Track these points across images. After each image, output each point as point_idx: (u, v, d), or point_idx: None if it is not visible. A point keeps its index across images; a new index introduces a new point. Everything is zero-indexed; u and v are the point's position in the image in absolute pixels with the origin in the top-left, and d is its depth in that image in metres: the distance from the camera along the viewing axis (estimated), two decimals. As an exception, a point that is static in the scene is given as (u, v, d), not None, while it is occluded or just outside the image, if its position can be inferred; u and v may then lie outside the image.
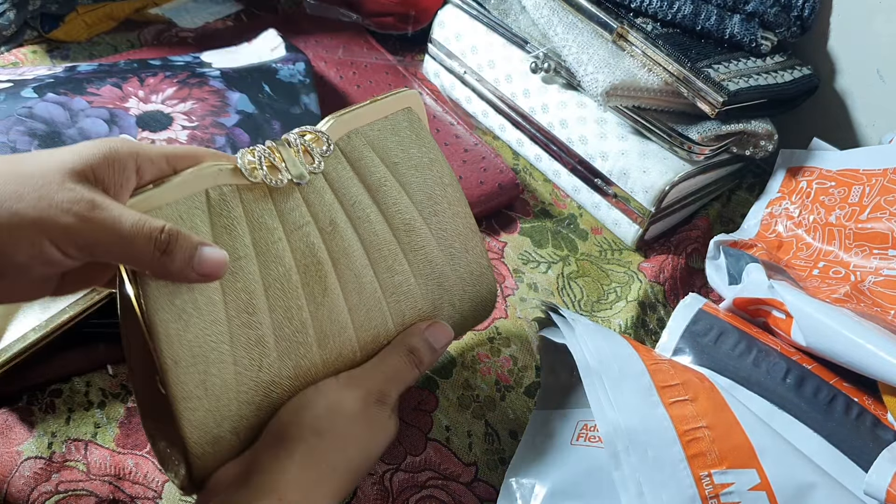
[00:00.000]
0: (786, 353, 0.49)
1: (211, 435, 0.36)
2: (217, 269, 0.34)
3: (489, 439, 0.48)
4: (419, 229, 0.43)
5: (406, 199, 0.43)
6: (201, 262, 0.34)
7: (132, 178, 0.34)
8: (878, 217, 0.55)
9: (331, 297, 0.40)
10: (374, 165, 0.42)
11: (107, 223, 0.31)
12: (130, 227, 0.32)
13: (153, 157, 0.35)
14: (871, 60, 0.65)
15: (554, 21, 0.61)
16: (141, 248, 0.32)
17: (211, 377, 0.36)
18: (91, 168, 0.32)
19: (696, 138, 0.58)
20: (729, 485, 0.37)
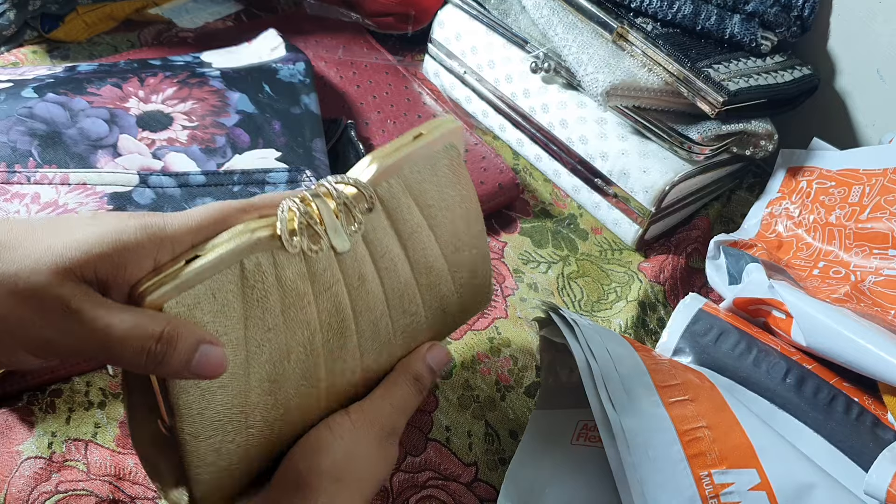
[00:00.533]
0: (786, 353, 0.49)
1: (219, 486, 0.36)
2: (215, 371, 0.31)
3: (489, 439, 0.48)
4: (439, 269, 0.41)
5: (434, 242, 0.41)
6: (199, 365, 0.30)
7: (147, 267, 0.30)
8: (879, 217, 0.55)
9: (348, 349, 0.38)
10: (409, 212, 0.39)
11: (92, 336, 0.28)
12: (119, 338, 0.28)
13: (176, 240, 0.31)
14: (872, 60, 0.65)
15: (554, 21, 0.61)
16: (130, 359, 0.29)
17: (226, 444, 0.34)
18: (93, 266, 0.28)
19: (696, 138, 0.58)
20: (729, 485, 0.37)
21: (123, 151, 0.50)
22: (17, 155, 0.47)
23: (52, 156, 0.48)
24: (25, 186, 0.46)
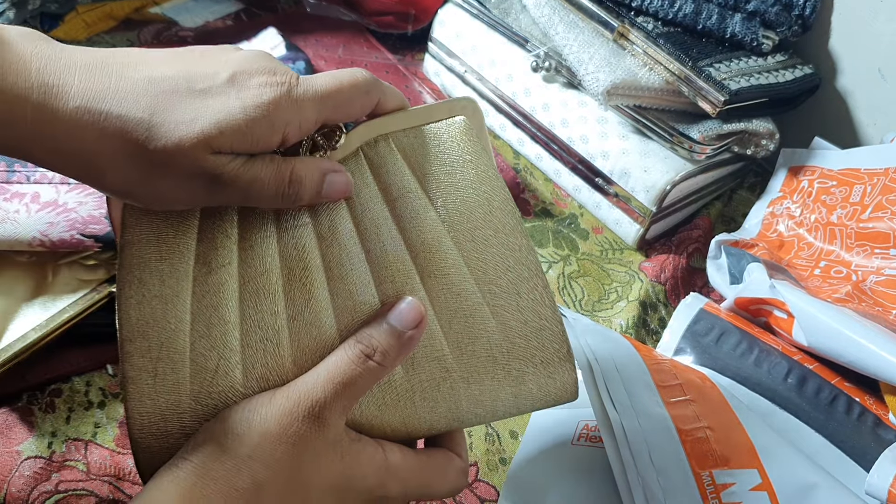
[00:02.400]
0: (787, 353, 0.48)
1: (156, 428, 0.33)
2: (343, 192, 0.36)
3: (490, 439, 0.48)
4: (445, 252, 0.36)
5: (433, 214, 0.36)
6: (328, 193, 0.35)
7: (274, 146, 0.33)
8: (880, 216, 0.55)
9: (314, 309, 0.35)
10: (398, 174, 0.37)
11: (232, 192, 0.32)
12: (256, 189, 0.33)
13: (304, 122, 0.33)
14: (873, 59, 0.65)
15: (555, 20, 0.61)
16: (268, 201, 0.34)
17: (162, 367, 0.33)
18: (230, 143, 0.31)
19: (697, 137, 0.58)
20: (730, 485, 0.37)
21: (123, 151, 0.50)
22: (17, 154, 0.47)
23: (51, 155, 0.48)
24: (25, 186, 0.46)
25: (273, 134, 0.32)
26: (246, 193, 0.33)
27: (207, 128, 0.31)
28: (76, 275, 0.46)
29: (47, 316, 0.44)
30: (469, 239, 0.36)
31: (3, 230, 0.44)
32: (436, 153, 0.37)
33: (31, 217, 0.44)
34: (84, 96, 0.30)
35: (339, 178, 0.35)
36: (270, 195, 0.33)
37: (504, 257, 0.36)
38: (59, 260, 0.46)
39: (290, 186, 0.33)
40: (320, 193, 0.35)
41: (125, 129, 0.30)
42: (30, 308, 0.44)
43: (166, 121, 0.30)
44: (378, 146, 0.37)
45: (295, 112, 0.33)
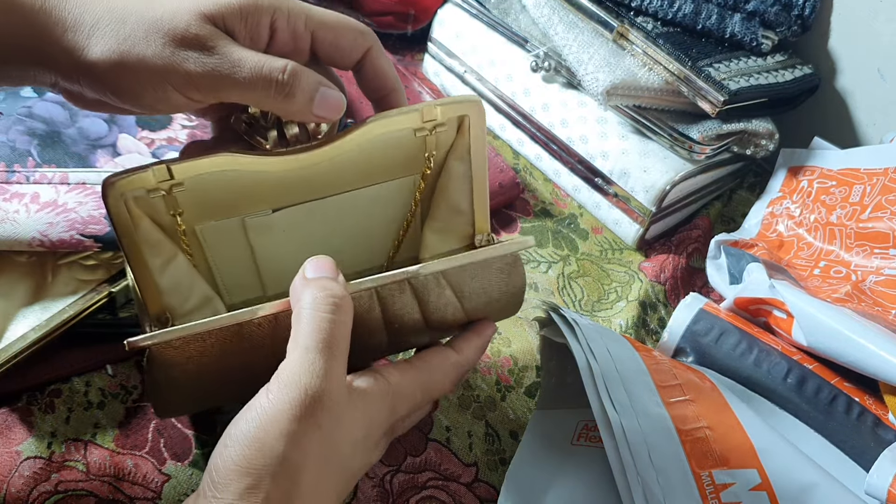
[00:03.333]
0: (787, 353, 0.48)
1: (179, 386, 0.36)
2: (335, 110, 0.35)
3: (489, 439, 0.48)
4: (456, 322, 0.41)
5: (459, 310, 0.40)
6: (321, 104, 0.34)
7: (264, 33, 0.34)
8: (880, 216, 0.55)
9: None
10: (440, 296, 0.39)
11: (225, 69, 0.32)
12: (249, 70, 0.32)
13: (292, 18, 0.34)
14: (872, 59, 0.65)
15: (554, 20, 0.61)
16: (261, 92, 0.33)
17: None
18: (222, 14, 0.33)
19: (696, 137, 0.58)
20: (730, 485, 0.37)
21: (123, 151, 0.50)
22: (17, 154, 0.47)
23: (51, 155, 0.48)
24: (25, 186, 0.46)
25: (262, 14, 0.33)
26: (238, 70, 0.32)
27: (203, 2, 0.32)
28: (76, 275, 0.46)
29: (47, 316, 0.44)
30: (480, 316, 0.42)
31: (3, 230, 0.44)
32: (480, 278, 0.40)
33: (31, 217, 0.44)
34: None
35: (334, 93, 0.35)
36: (265, 78, 0.33)
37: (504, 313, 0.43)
38: (58, 260, 0.46)
39: (285, 74, 0.33)
40: (313, 101, 0.34)
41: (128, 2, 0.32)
42: (29, 308, 0.44)
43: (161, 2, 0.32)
44: (427, 280, 0.38)
45: (281, 4, 0.34)
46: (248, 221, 0.39)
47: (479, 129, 0.40)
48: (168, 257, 0.37)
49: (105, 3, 0.32)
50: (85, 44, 0.32)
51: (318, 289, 0.34)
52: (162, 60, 0.32)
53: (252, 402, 0.32)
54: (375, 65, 0.38)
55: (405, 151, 0.40)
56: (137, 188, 0.35)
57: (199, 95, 0.33)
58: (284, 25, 0.34)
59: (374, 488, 0.44)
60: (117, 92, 0.33)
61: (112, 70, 0.32)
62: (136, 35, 0.32)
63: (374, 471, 0.45)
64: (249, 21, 0.33)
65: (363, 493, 0.44)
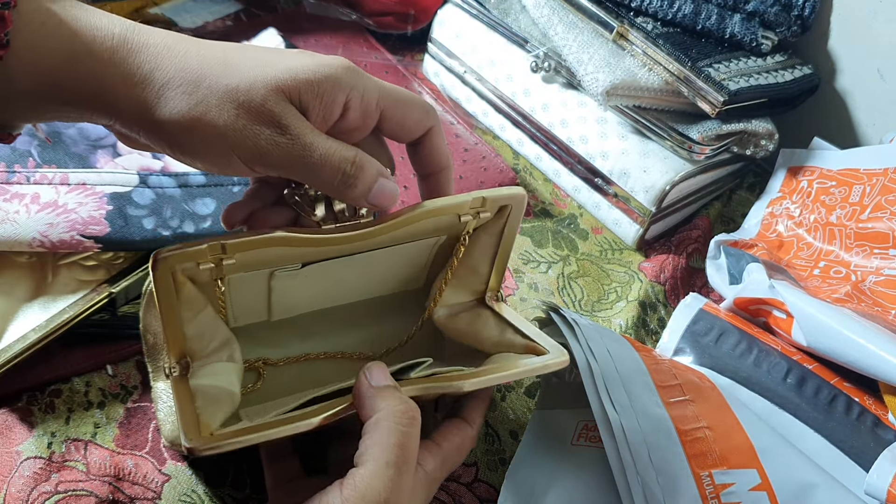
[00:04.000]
0: (786, 353, 0.48)
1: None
2: (390, 201, 0.35)
3: (489, 439, 0.48)
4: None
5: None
6: (377, 195, 0.35)
7: (337, 111, 0.34)
8: (879, 217, 0.55)
9: None
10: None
11: (295, 151, 0.32)
12: (319, 157, 0.33)
13: (366, 96, 0.34)
14: (872, 60, 0.65)
15: (554, 20, 0.61)
16: (326, 178, 0.33)
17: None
18: (299, 90, 0.32)
19: (696, 138, 0.58)
20: (730, 485, 0.37)
21: (123, 151, 0.50)
22: (17, 155, 0.47)
23: (51, 156, 0.48)
24: (25, 186, 0.46)
25: (338, 93, 0.33)
26: (308, 155, 0.32)
27: (280, 72, 0.32)
28: (76, 275, 0.46)
29: (47, 316, 0.44)
30: None
31: (3, 231, 0.44)
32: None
33: (31, 218, 0.44)
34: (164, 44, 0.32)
35: (390, 185, 0.35)
36: (332, 167, 0.33)
37: None
38: (58, 261, 0.46)
39: (352, 167, 0.34)
40: (371, 190, 0.35)
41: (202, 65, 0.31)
42: (29, 308, 0.44)
43: (241, 64, 0.32)
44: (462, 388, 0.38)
45: (359, 80, 0.34)
46: (277, 274, 0.40)
47: (516, 217, 0.41)
48: (199, 309, 0.37)
49: (178, 62, 0.31)
50: (154, 102, 0.31)
51: (396, 401, 0.34)
52: (233, 132, 0.31)
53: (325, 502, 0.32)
54: (434, 143, 0.38)
55: (444, 226, 0.41)
56: (189, 262, 0.34)
57: (262, 170, 0.33)
58: (358, 104, 0.34)
59: (374, 488, 0.44)
60: (181, 150, 0.32)
61: (180, 132, 0.31)
62: (209, 101, 0.31)
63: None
64: (325, 99, 0.33)
65: (363, 493, 0.44)
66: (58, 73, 0.30)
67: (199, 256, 0.34)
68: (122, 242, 0.45)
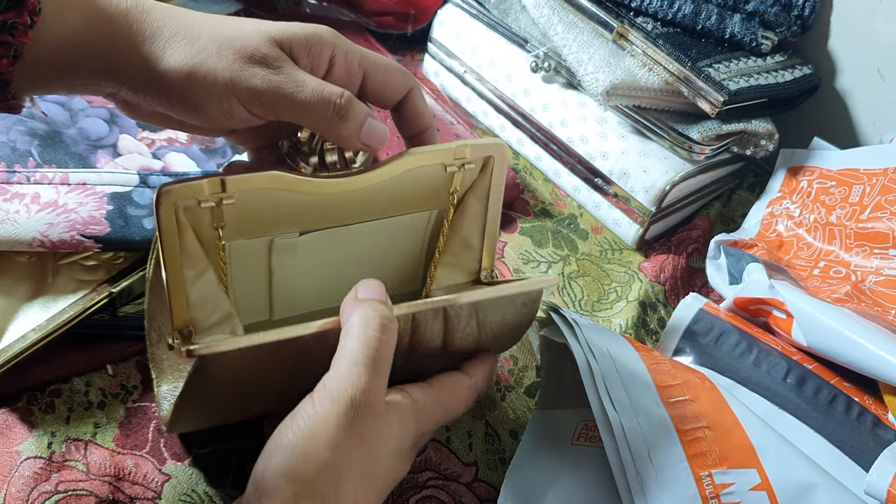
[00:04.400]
0: (786, 353, 0.48)
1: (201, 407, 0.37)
2: (380, 141, 0.38)
3: (489, 439, 0.48)
4: (468, 350, 0.42)
5: (476, 339, 0.41)
6: (368, 133, 0.37)
7: (323, 65, 0.37)
8: (879, 217, 0.55)
9: None
10: (466, 331, 0.40)
11: (289, 87, 0.35)
12: (311, 91, 0.35)
13: (349, 55, 0.38)
14: (872, 60, 0.65)
15: (554, 20, 0.61)
16: (320, 112, 0.36)
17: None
18: (289, 41, 0.36)
19: (696, 138, 0.58)
20: (730, 485, 0.37)
21: (123, 151, 0.50)
22: (17, 155, 0.47)
23: (51, 156, 0.48)
24: (25, 186, 0.46)
25: (324, 48, 0.37)
26: (301, 90, 0.35)
27: (273, 27, 0.36)
28: (76, 275, 0.46)
29: (47, 316, 0.44)
30: (487, 344, 0.42)
31: (3, 231, 0.44)
32: (504, 309, 0.41)
33: (31, 217, 0.44)
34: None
35: (381, 125, 0.38)
36: (324, 101, 0.35)
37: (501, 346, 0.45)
38: (59, 260, 0.46)
39: (342, 99, 0.36)
40: (362, 128, 0.37)
41: (203, 22, 0.35)
42: (30, 308, 0.44)
43: (238, 23, 0.36)
44: (461, 309, 0.39)
45: (343, 41, 0.38)
46: (276, 242, 0.41)
47: (500, 171, 0.43)
48: (200, 270, 0.38)
49: (182, 18, 0.35)
50: (161, 53, 0.34)
51: (369, 308, 0.35)
52: (231, 73, 0.34)
53: (297, 412, 0.33)
54: (416, 103, 0.41)
55: (432, 186, 0.43)
56: (190, 198, 0.36)
57: (260, 110, 0.36)
58: (342, 60, 0.38)
59: (374, 488, 0.44)
60: (184, 102, 0.35)
61: (183, 79, 0.34)
62: (209, 49, 0.34)
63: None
64: (313, 51, 0.37)
65: (363, 493, 0.44)
66: (78, 37, 0.33)
67: (200, 192, 0.36)
68: (122, 242, 0.45)
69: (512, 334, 0.43)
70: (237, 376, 0.35)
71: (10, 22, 0.31)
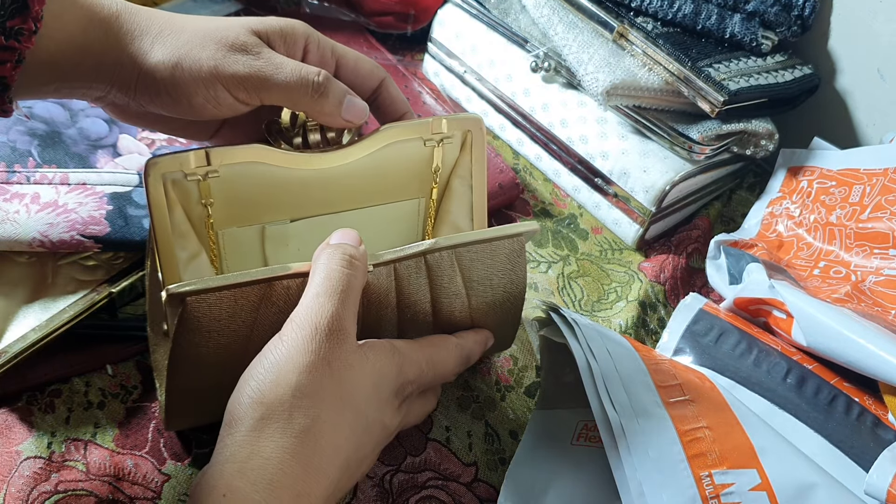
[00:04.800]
0: (786, 353, 0.48)
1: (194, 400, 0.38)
2: (360, 116, 0.40)
3: (489, 439, 0.48)
4: (461, 323, 0.43)
5: (466, 308, 0.42)
6: (348, 108, 0.39)
7: (298, 53, 0.40)
8: (879, 217, 0.55)
9: None
10: (451, 283, 0.41)
11: (269, 70, 0.37)
12: (290, 72, 0.38)
13: (321, 45, 0.41)
14: (872, 60, 0.65)
15: (554, 20, 0.61)
16: (300, 91, 0.38)
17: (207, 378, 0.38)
18: (266, 31, 0.39)
19: (696, 138, 0.58)
20: (729, 485, 0.37)
21: (123, 151, 0.50)
22: (17, 155, 0.47)
23: (51, 155, 0.48)
24: (25, 186, 0.46)
25: (298, 37, 0.40)
26: (280, 71, 0.37)
27: (251, 20, 0.39)
28: (76, 275, 0.46)
29: (47, 317, 0.44)
30: (481, 315, 0.43)
31: (3, 231, 0.44)
32: (489, 264, 0.41)
33: (31, 218, 0.44)
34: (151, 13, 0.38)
35: (360, 101, 0.40)
36: (304, 80, 0.38)
37: (499, 322, 0.45)
38: (58, 261, 0.46)
39: (320, 77, 0.38)
40: (342, 104, 0.39)
41: (186, 20, 0.38)
42: (29, 309, 0.44)
43: (218, 19, 0.39)
44: (442, 260, 0.40)
45: (315, 32, 0.40)
46: (268, 230, 0.42)
47: (480, 147, 0.44)
48: (193, 253, 0.39)
49: (166, 17, 0.38)
50: (149, 49, 0.36)
51: (335, 248, 0.37)
52: (215, 61, 0.37)
53: (266, 348, 0.34)
54: (390, 92, 0.43)
55: (416, 169, 0.44)
56: (177, 170, 0.38)
57: (244, 95, 0.38)
58: (315, 49, 0.40)
59: (373, 488, 0.44)
60: (172, 93, 0.37)
61: (170, 71, 0.36)
62: (193, 41, 0.37)
63: (373, 470, 0.45)
64: (288, 40, 0.39)
65: (363, 493, 0.44)
66: (74, 41, 0.35)
67: (186, 164, 0.38)
68: (122, 242, 0.45)
69: (505, 314, 0.44)
70: (220, 332, 0.36)
71: (16, 28, 0.32)
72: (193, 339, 0.35)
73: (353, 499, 0.43)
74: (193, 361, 0.36)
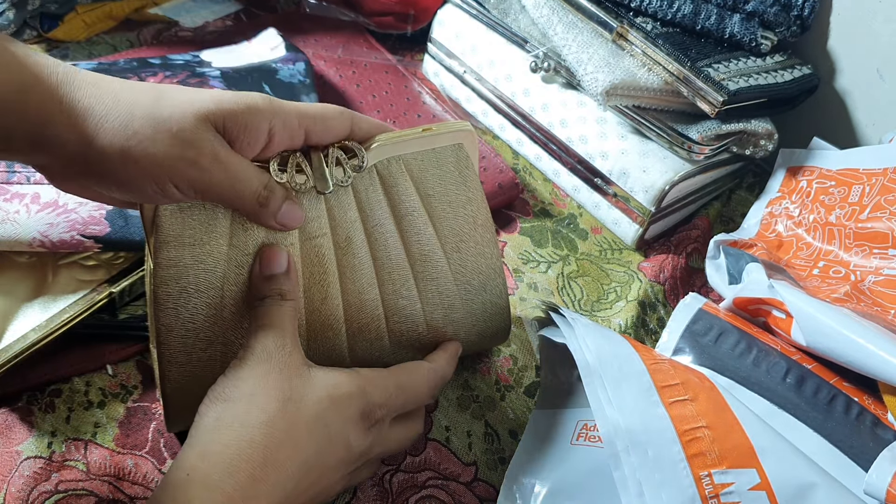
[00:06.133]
0: (786, 353, 0.49)
1: (189, 398, 0.38)
2: (293, 223, 0.39)
3: (489, 439, 0.48)
4: (437, 262, 0.44)
5: (431, 230, 0.44)
6: (284, 215, 0.39)
7: (262, 139, 0.37)
8: (878, 216, 0.55)
9: (329, 306, 0.41)
10: (406, 194, 0.42)
11: (224, 179, 0.36)
12: (242, 184, 0.37)
13: (287, 121, 0.38)
14: (871, 60, 0.65)
15: (554, 20, 0.61)
16: (246, 201, 0.37)
17: (197, 351, 0.39)
18: (223, 120, 0.36)
19: (696, 138, 0.58)
20: (729, 485, 0.37)
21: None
22: (17, 155, 0.47)
23: (51, 155, 0.48)
24: (25, 186, 0.46)
25: (261, 121, 0.37)
26: (235, 182, 0.36)
27: (207, 101, 0.35)
28: (76, 275, 0.46)
29: (47, 316, 0.44)
30: (455, 249, 0.44)
31: (4, 230, 0.44)
32: (437, 175, 0.43)
33: (32, 217, 0.44)
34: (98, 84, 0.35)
35: (295, 208, 0.39)
36: (252, 192, 0.37)
37: (478, 263, 0.45)
38: (59, 260, 0.46)
39: (266, 190, 0.37)
40: (277, 214, 0.38)
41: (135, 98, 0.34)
42: (30, 308, 0.44)
43: (170, 97, 0.35)
44: (391, 167, 0.42)
45: (279, 107, 0.38)
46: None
47: (472, 157, 0.45)
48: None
49: (113, 94, 0.34)
50: (94, 133, 0.33)
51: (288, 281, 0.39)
52: (170, 162, 0.34)
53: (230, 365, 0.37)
54: (362, 127, 0.42)
55: None
56: None
57: (193, 195, 0.36)
58: (281, 129, 0.38)
59: (373, 487, 0.44)
60: (119, 182, 0.35)
61: (118, 161, 0.34)
62: (143, 132, 0.34)
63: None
64: (249, 128, 0.36)
65: (363, 493, 0.44)
66: (10, 104, 0.32)
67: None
68: (123, 242, 0.45)
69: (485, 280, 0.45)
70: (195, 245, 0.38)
71: None
72: (171, 253, 0.37)
73: (353, 498, 0.43)
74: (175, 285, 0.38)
